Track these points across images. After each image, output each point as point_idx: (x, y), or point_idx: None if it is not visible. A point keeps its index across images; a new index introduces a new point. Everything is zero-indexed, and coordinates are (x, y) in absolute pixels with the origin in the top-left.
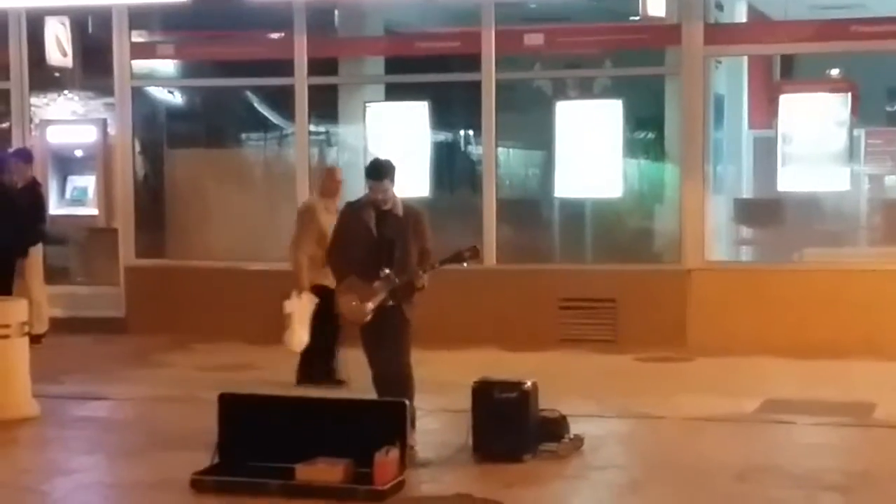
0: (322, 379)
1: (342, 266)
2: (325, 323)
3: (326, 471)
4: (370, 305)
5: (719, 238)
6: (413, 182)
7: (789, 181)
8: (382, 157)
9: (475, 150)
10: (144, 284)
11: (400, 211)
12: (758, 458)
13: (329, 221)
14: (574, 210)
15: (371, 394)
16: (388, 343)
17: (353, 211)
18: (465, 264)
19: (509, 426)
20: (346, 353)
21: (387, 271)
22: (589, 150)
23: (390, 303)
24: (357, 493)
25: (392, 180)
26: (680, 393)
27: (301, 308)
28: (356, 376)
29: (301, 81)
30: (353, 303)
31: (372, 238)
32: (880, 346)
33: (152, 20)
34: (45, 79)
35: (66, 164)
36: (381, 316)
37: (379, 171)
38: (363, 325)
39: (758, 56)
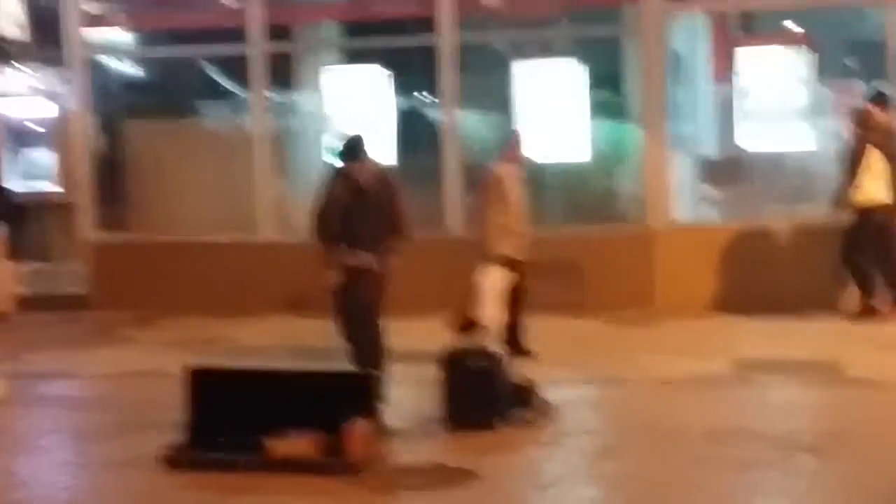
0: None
1: (320, 234)
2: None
3: (298, 444)
4: (333, 278)
5: (684, 197)
6: (373, 148)
7: (748, 138)
8: (348, 132)
9: (436, 115)
10: (107, 260)
11: (369, 185)
12: (729, 419)
13: (514, 189)
14: (536, 173)
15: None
16: (352, 316)
17: (330, 179)
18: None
19: (480, 394)
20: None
21: (341, 248)
22: (549, 111)
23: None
24: (329, 465)
25: (355, 157)
26: (649, 355)
27: (493, 281)
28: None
29: (257, 48)
30: (324, 272)
31: (341, 210)
32: (847, 305)
33: None
34: None
35: (22, 138)
36: (345, 290)
37: (342, 153)
38: (333, 297)
39: (716, 12)
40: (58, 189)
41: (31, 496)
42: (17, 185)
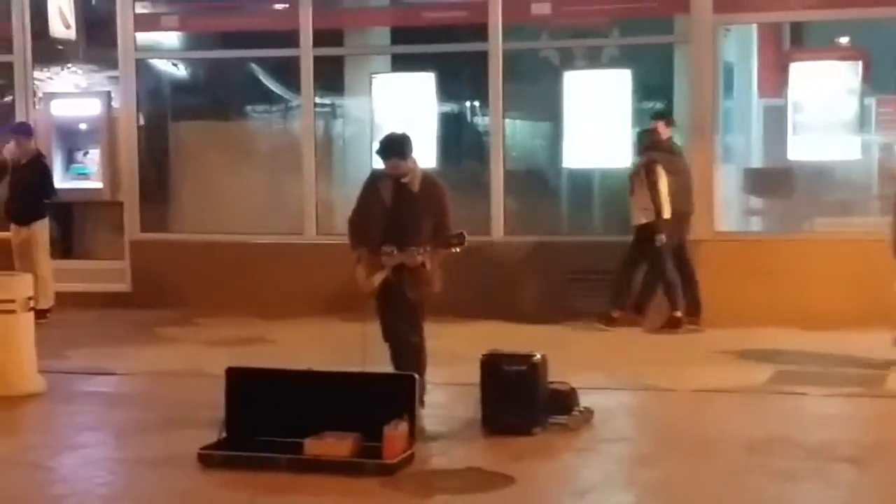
0: None
1: (357, 237)
2: None
3: (335, 445)
4: (375, 280)
5: (729, 208)
6: (420, 153)
7: (800, 150)
8: (394, 130)
9: (482, 121)
10: (150, 258)
11: (416, 186)
12: (768, 429)
13: None
14: (582, 181)
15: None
16: (397, 318)
17: (373, 181)
18: (455, 249)
19: (519, 399)
20: None
21: (389, 248)
22: (597, 120)
23: (394, 279)
24: (366, 466)
25: (401, 156)
26: (690, 364)
27: None
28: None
29: (306, 52)
30: (362, 276)
31: (385, 211)
32: (892, 316)
33: None
34: (48, 51)
35: (70, 137)
36: (389, 291)
37: (384, 150)
38: (376, 300)
39: (767, 24)
40: (104, 188)
41: (70, 492)
42: (64, 184)
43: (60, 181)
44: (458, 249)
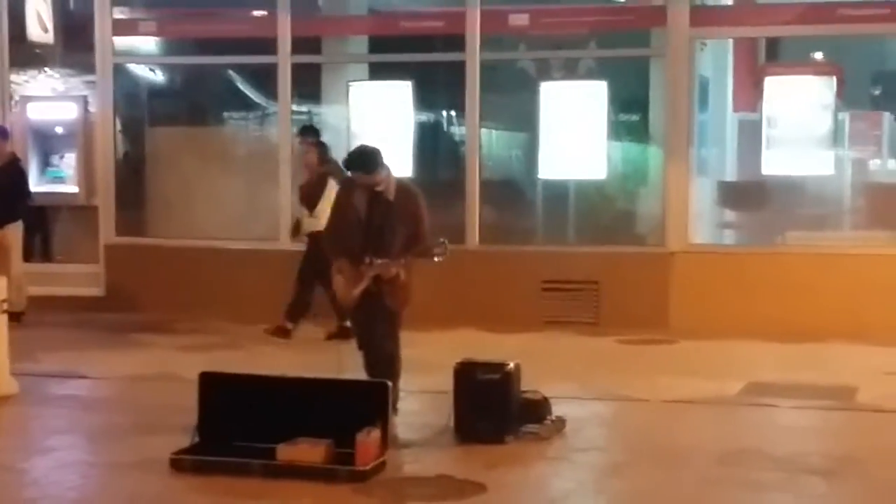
0: None
1: (335, 248)
2: None
3: (307, 451)
4: (355, 291)
5: (703, 221)
6: (396, 162)
7: (774, 164)
8: (365, 141)
9: (459, 131)
10: (125, 263)
11: (391, 194)
12: (740, 441)
13: None
14: (558, 192)
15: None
16: (376, 328)
17: (347, 191)
18: (435, 259)
19: (491, 408)
20: None
21: (368, 259)
22: (573, 131)
23: (373, 289)
24: (338, 473)
25: (368, 169)
26: (662, 375)
27: None
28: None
29: (284, 60)
30: (342, 287)
31: (361, 222)
32: (863, 330)
33: None
34: (25, 55)
35: (46, 141)
36: (367, 301)
37: (351, 163)
38: (353, 310)
39: (743, 38)
40: (80, 192)
41: (41, 495)
42: (40, 187)
43: (36, 185)
44: (440, 259)
